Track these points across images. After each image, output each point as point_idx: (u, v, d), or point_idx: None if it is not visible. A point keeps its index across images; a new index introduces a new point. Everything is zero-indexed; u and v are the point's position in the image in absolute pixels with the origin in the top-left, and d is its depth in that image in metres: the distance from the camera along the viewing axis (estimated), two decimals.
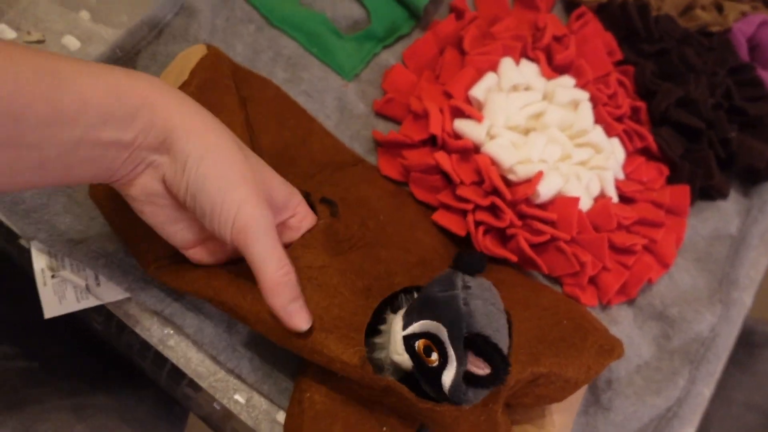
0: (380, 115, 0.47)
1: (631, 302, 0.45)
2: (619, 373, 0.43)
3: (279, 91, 0.44)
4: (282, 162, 0.40)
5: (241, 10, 0.46)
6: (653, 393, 0.42)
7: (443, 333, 0.29)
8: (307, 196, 0.37)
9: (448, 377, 0.29)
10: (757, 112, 0.51)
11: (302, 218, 0.35)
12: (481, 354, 0.28)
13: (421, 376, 0.31)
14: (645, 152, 0.50)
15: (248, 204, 0.29)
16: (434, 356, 0.30)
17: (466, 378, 0.28)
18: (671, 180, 0.49)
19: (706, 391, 0.46)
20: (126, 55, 0.41)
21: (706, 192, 0.50)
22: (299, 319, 0.31)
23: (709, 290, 0.47)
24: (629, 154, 0.49)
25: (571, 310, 0.38)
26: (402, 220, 0.41)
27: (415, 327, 0.30)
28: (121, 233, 0.36)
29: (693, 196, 0.49)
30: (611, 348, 0.36)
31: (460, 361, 0.29)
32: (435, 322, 0.30)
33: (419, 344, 0.30)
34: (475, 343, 0.28)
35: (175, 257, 0.35)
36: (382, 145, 0.45)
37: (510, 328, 0.34)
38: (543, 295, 0.40)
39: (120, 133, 0.27)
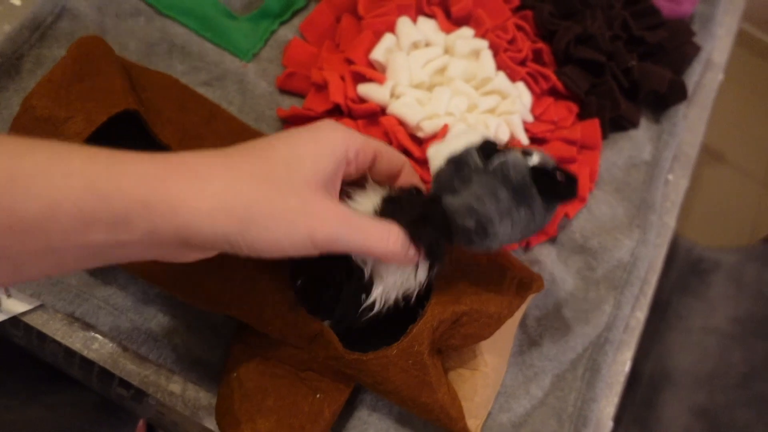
0: (285, 92, 0.46)
1: (552, 240, 0.46)
2: (548, 309, 0.44)
3: (177, 82, 0.43)
4: (189, 139, 0.40)
5: (128, 3, 0.45)
6: (582, 322, 0.44)
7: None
8: None
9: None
10: (655, 40, 0.52)
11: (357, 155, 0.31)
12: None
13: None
14: (554, 93, 0.51)
15: (315, 234, 0.26)
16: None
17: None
18: (581, 116, 0.50)
19: (639, 314, 0.48)
20: (8, 61, 0.40)
21: (618, 123, 0.52)
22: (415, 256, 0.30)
23: (628, 217, 0.49)
24: (537, 97, 0.50)
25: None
26: None
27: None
28: None
29: (604, 129, 0.50)
30: (530, 281, 0.37)
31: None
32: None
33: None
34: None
35: None
36: (287, 122, 0.45)
37: (432, 273, 0.35)
38: None
39: (116, 236, 0.23)
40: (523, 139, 0.46)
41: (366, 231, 0.28)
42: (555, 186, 0.29)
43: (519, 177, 0.29)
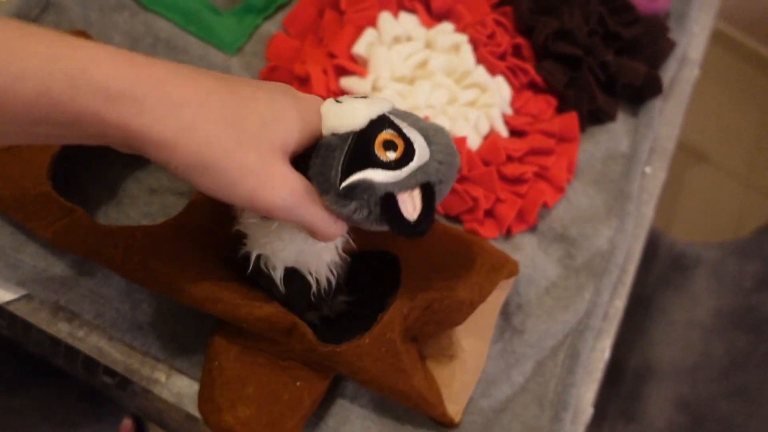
0: None
1: (533, 229, 0.47)
2: (529, 297, 0.45)
3: None
4: None
5: None
6: (562, 309, 0.45)
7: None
8: None
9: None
10: (631, 35, 0.53)
11: None
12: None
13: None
14: (533, 86, 0.52)
15: (256, 196, 0.26)
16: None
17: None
18: (560, 109, 0.51)
19: (618, 302, 0.49)
20: None
21: (595, 116, 0.53)
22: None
23: (606, 207, 0.50)
24: (517, 90, 0.51)
25: (462, 238, 0.40)
26: None
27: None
28: (10, 210, 0.36)
29: (582, 122, 0.51)
30: (501, 266, 0.38)
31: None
32: None
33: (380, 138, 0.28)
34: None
35: (69, 219, 0.35)
36: None
37: (399, 265, 0.36)
38: (434, 227, 0.41)
39: (63, 131, 0.24)
40: (503, 132, 0.47)
41: (315, 212, 0.28)
42: (397, 222, 0.28)
43: (372, 203, 0.28)
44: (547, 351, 0.44)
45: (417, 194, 0.28)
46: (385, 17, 0.48)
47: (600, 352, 0.46)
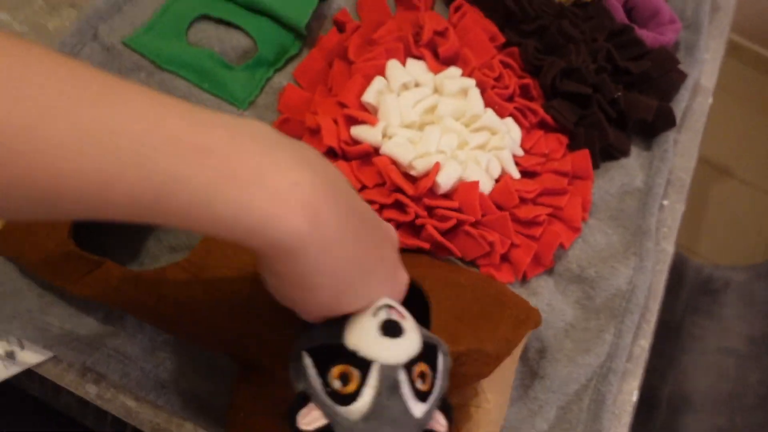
0: None
1: (549, 271, 0.47)
2: (549, 341, 0.44)
3: None
4: None
5: (128, 60, 0.47)
6: (583, 352, 0.44)
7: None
8: None
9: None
10: (640, 69, 0.53)
11: None
12: None
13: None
14: (543, 126, 0.52)
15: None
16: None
17: None
18: (571, 147, 0.51)
19: (643, 342, 0.48)
20: None
21: (608, 152, 0.52)
22: None
23: (624, 245, 0.49)
24: (527, 130, 0.51)
25: (488, 286, 0.40)
26: None
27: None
28: (39, 270, 0.37)
29: (595, 159, 0.51)
30: (526, 318, 0.37)
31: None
32: None
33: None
34: None
35: (98, 271, 0.36)
36: None
37: (429, 310, 0.36)
38: (460, 273, 0.41)
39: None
40: (514, 173, 0.47)
41: None
42: None
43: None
44: (571, 396, 0.43)
45: (439, 414, 0.29)
46: (392, 65, 0.49)
47: (627, 395, 0.45)
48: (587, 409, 0.43)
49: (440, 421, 0.28)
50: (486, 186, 0.45)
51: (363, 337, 0.27)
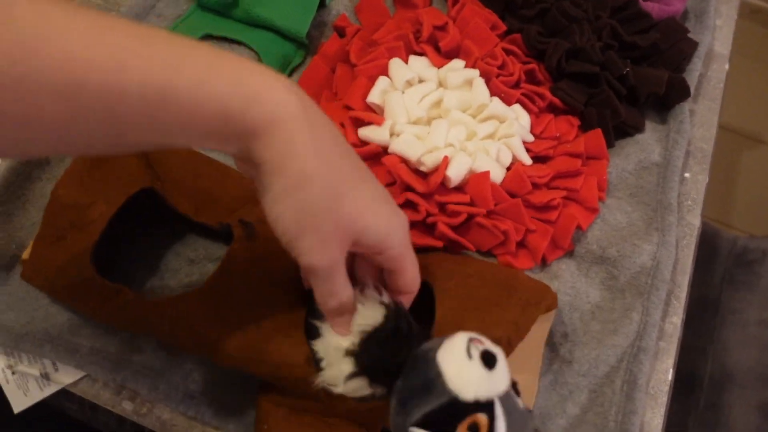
0: None
1: (570, 254, 0.46)
2: (574, 324, 0.44)
3: (189, 151, 0.46)
4: (204, 204, 0.43)
5: None
6: (611, 333, 0.43)
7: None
8: (227, 226, 0.39)
9: None
10: (648, 42, 0.52)
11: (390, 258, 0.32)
12: None
13: None
14: (553, 109, 0.51)
15: (309, 256, 0.28)
16: None
17: None
18: (583, 128, 0.51)
19: (675, 319, 0.47)
20: None
21: (622, 130, 0.52)
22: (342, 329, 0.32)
23: (645, 221, 0.48)
24: (536, 115, 0.50)
25: (498, 272, 0.40)
26: None
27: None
28: (62, 297, 0.39)
29: (609, 138, 0.50)
30: (538, 301, 0.37)
31: None
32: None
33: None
34: None
35: (116, 299, 0.37)
36: None
37: (434, 302, 0.36)
38: (469, 264, 0.41)
39: (223, 147, 0.27)
40: (526, 160, 0.47)
41: (331, 292, 0.31)
42: None
43: None
44: (602, 378, 0.43)
45: None
46: (395, 63, 0.49)
47: (662, 374, 0.44)
48: (620, 390, 0.42)
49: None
50: (497, 175, 0.45)
51: (474, 382, 0.27)
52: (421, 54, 0.51)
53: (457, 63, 0.50)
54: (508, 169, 0.47)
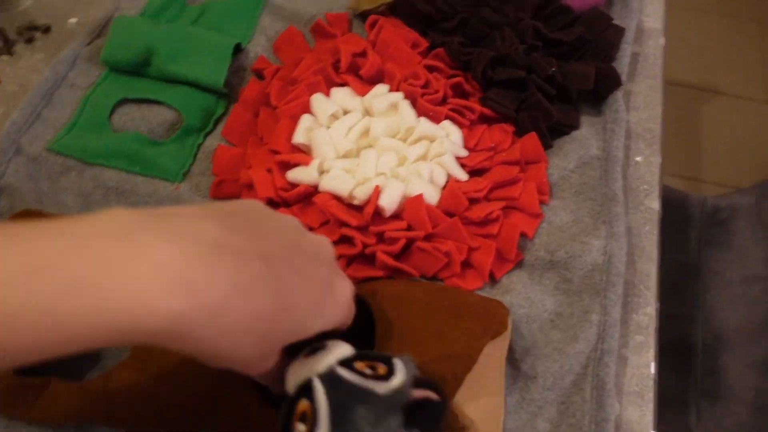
0: (222, 200, 0.48)
1: (520, 264, 0.45)
2: (534, 336, 0.43)
3: None
4: None
5: (56, 164, 0.47)
6: (571, 341, 0.42)
7: None
8: None
9: None
10: (573, 37, 0.52)
11: None
12: None
13: None
14: (486, 120, 0.51)
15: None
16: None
17: None
18: (519, 134, 0.50)
19: (649, 310, 0.45)
20: None
21: (558, 130, 0.51)
22: None
23: (592, 217, 0.47)
24: (468, 129, 0.49)
25: (446, 296, 0.38)
26: None
27: None
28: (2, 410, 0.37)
29: (545, 140, 0.49)
30: (486, 327, 0.36)
31: None
32: None
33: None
34: None
35: (46, 393, 0.36)
36: None
37: (374, 327, 0.35)
38: (416, 287, 0.40)
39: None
40: (461, 176, 0.46)
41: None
42: None
43: None
44: (569, 389, 0.41)
45: None
46: (316, 99, 0.48)
47: (645, 368, 0.43)
48: (590, 398, 0.41)
49: None
50: (432, 196, 0.44)
51: (295, 373, 0.28)
52: (343, 84, 0.50)
53: (381, 88, 0.49)
54: (444, 188, 0.46)
